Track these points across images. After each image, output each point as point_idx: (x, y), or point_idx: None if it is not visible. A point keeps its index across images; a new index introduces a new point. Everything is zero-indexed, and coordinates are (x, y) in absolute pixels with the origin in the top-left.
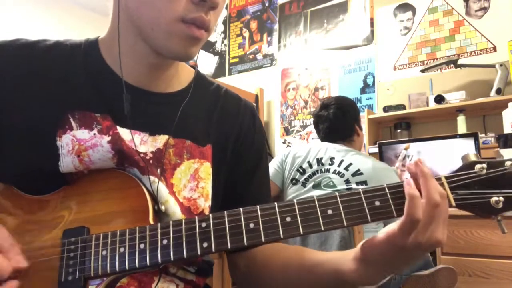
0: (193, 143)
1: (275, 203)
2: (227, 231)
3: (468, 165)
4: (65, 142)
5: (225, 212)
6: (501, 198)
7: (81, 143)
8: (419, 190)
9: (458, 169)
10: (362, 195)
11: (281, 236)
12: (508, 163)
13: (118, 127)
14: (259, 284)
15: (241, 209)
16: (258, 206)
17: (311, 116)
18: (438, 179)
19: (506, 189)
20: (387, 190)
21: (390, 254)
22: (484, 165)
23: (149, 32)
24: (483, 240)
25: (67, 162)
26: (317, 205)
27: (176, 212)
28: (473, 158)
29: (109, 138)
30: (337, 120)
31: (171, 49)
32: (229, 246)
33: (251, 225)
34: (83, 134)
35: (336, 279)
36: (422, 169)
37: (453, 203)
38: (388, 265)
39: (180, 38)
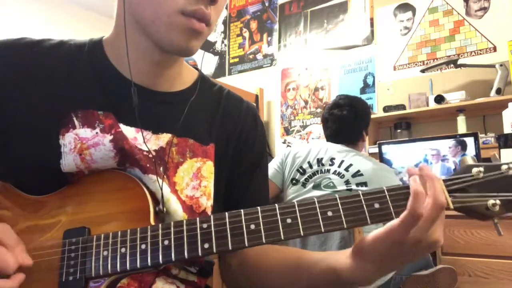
0: (196, 142)
1: (276, 204)
2: (228, 232)
3: (465, 169)
4: (68, 140)
5: (226, 213)
6: (498, 202)
7: (83, 141)
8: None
9: (456, 172)
10: (362, 197)
11: (282, 237)
12: (504, 167)
13: (121, 125)
14: (251, 282)
15: (242, 210)
16: (259, 208)
17: (311, 116)
18: None
19: (502, 193)
20: (386, 193)
21: (387, 249)
22: (481, 169)
23: (150, 26)
24: (483, 240)
25: (68, 161)
26: (317, 207)
27: (178, 211)
28: (470, 161)
29: (111, 137)
30: (349, 123)
31: (172, 42)
32: (230, 247)
33: (252, 226)
34: (85, 132)
35: (331, 278)
36: (428, 172)
37: (451, 206)
38: (384, 262)
39: (180, 30)
